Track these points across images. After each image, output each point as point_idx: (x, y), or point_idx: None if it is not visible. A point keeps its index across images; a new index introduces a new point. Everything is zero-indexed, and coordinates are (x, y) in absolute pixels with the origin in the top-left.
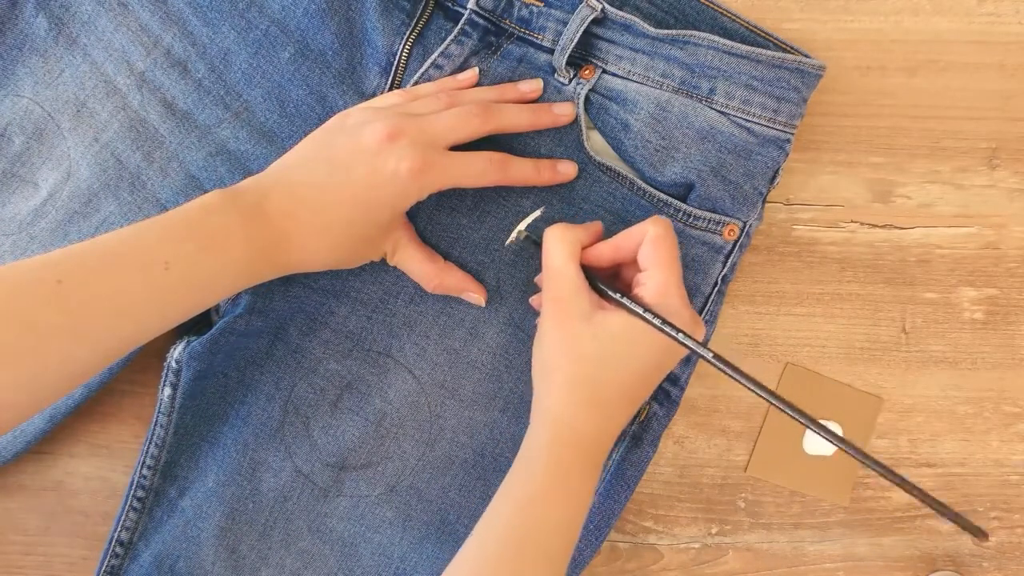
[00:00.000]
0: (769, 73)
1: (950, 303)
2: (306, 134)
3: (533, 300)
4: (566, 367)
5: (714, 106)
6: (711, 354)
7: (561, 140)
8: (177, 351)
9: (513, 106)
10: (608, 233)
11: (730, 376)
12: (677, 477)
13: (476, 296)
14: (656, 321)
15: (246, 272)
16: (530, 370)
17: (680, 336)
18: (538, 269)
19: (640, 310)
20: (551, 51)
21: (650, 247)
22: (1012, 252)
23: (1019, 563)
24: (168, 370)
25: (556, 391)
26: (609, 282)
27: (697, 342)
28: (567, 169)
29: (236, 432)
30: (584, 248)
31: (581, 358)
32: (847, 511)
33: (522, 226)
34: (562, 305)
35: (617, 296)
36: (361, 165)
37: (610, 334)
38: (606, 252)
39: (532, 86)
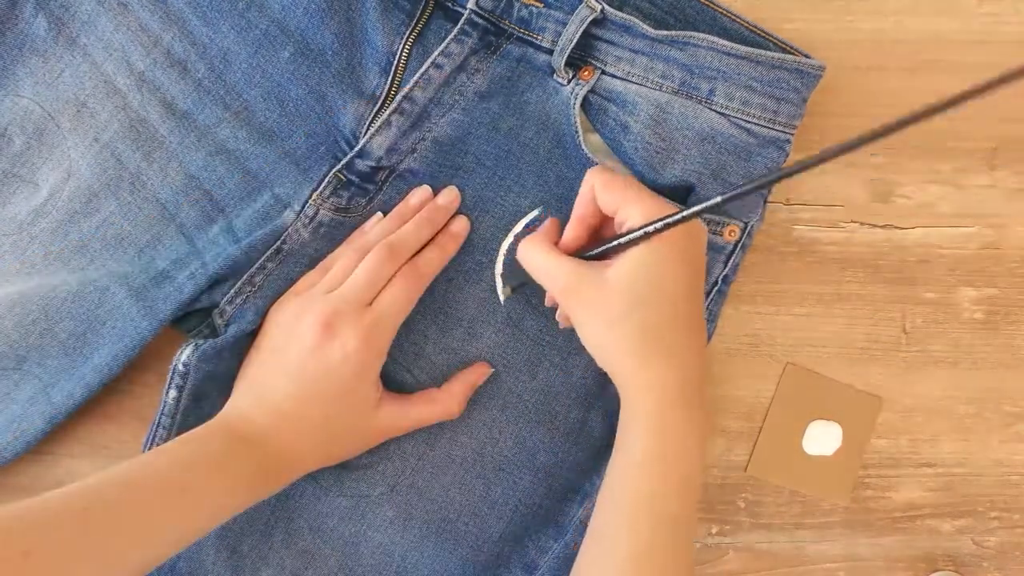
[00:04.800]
0: (769, 74)
1: (950, 303)
2: (306, 133)
3: (560, 316)
4: (612, 339)
5: (714, 107)
6: (720, 198)
7: (560, 142)
8: (185, 354)
9: (411, 231)
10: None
11: (755, 188)
12: None
13: (486, 373)
14: (657, 225)
15: (256, 488)
16: (529, 369)
17: (685, 213)
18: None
19: (637, 233)
20: (550, 52)
21: (605, 193)
22: (1012, 252)
23: (1019, 563)
24: (175, 373)
25: (621, 365)
26: (598, 243)
27: (702, 203)
28: (460, 228)
29: None
30: (556, 242)
31: (618, 321)
32: (847, 511)
33: (537, 213)
34: (573, 292)
35: (613, 242)
36: (312, 363)
37: (627, 280)
38: (577, 231)
39: (419, 197)
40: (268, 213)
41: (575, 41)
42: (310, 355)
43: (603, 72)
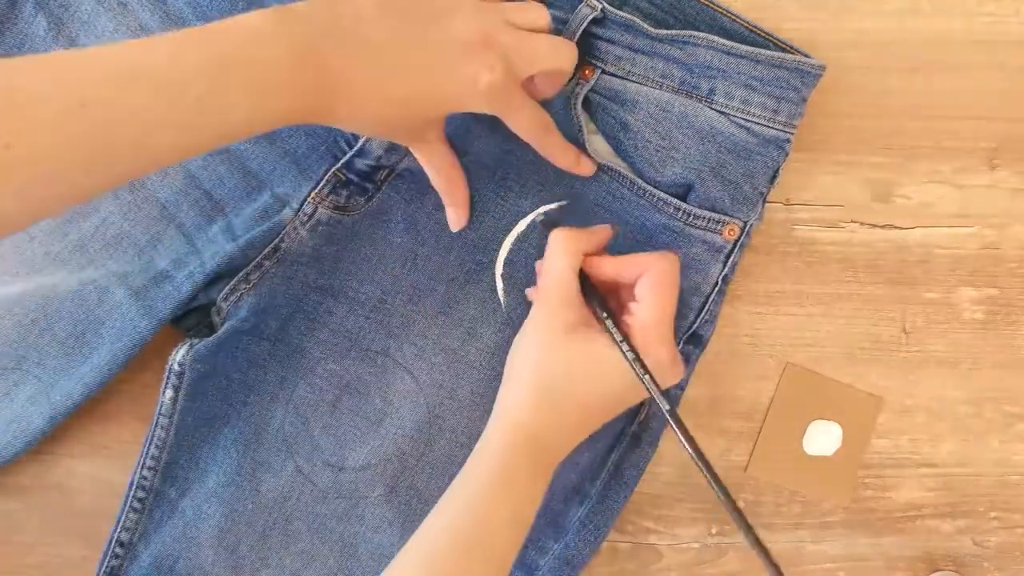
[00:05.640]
0: (769, 73)
1: (950, 303)
2: (306, 133)
3: (529, 292)
4: (535, 373)
5: (714, 106)
6: (668, 406)
7: None
8: (180, 354)
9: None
10: (617, 243)
11: (678, 438)
12: (677, 477)
13: (459, 215)
14: (629, 355)
15: (281, 117)
16: None
17: (646, 379)
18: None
19: (619, 340)
20: None
21: (651, 281)
22: (1012, 252)
23: (1019, 563)
24: (170, 372)
25: (520, 394)
26: (601, 299)
27: (660, 390)
28: (588, 167)
29: (237, 433)
30: (588, 254)
31: (552, 369)
32: (847, 511)
33: (540, 212)
34: (551, 312)
35: (604, 319)
36: (441, 54)
37: (586, 354)
38: (607, 268)
39: None
40: (267, 212)
41: (575, 40)
42: (446, 47)
43: (603, 71)
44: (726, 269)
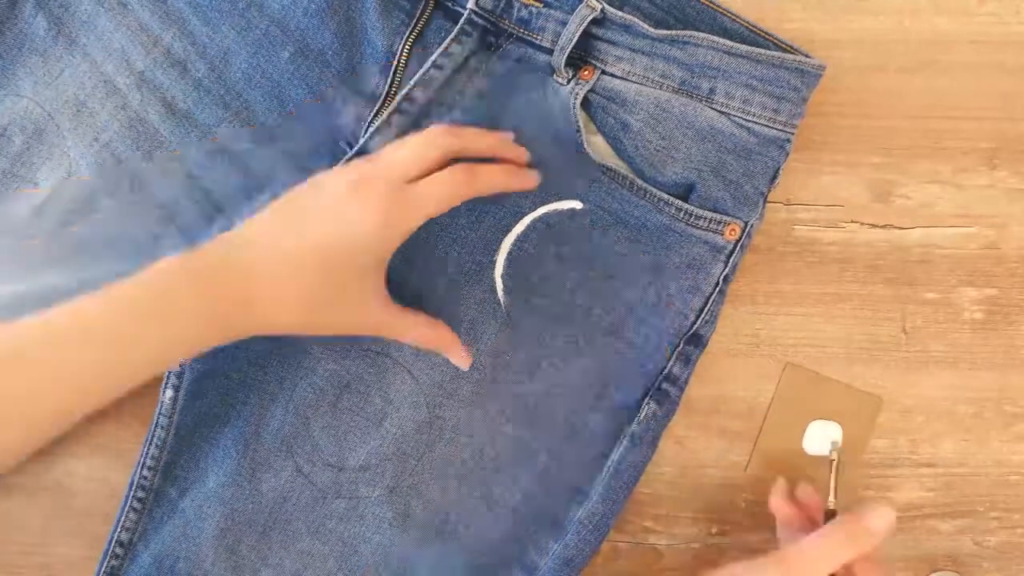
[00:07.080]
0: (769, 73)
1: (950, 303)
2: (306, 134)
3: (777, 508)
4: None
5: (714, 106)
6: None
7: (559, 142)
8: None
9: (474, 131)
10: (617, 243)
11: None
12: (677, 477)
13: (462, 357)
14: None
15: (198, 341)
16: (528, 370)
17: None
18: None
19: None
20: (550, 52)
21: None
22: (1012, 252)
23: (1019, 563)
24: (170, 372)
25: None
26: None
27: None
28: (535, 177)
29: (237, 432)
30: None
31: None
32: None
33: (540, 212)
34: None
35: None
36: (327, 219)
37: None
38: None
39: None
40: None
41: (575, 40)
42: (327, 210)
43: (603, 72)
44: (727, 269)
